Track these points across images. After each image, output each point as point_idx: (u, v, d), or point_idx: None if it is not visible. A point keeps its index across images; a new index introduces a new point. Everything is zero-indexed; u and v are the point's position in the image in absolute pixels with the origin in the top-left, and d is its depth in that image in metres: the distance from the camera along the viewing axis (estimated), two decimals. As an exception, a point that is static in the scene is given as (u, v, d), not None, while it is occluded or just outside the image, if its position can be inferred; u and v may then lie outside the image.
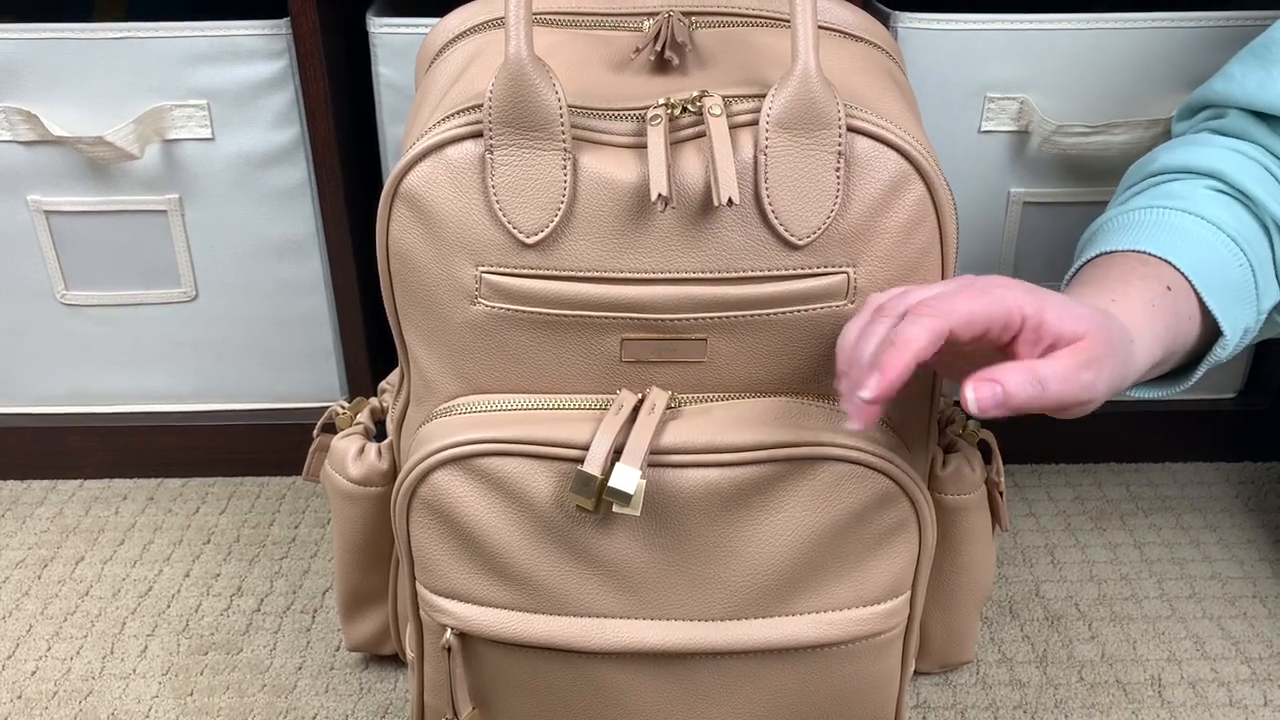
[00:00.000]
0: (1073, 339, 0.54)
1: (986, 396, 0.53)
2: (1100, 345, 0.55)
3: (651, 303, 0.60)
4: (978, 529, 0.74)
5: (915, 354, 0.52)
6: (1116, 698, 0.83)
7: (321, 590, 0.94)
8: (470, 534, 0.63)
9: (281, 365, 1.05)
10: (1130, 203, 0.69)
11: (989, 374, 0.53)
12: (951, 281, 0.56)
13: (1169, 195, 0.67)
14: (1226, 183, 0.68)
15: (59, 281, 1.00)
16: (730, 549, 0.63)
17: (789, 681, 0.67)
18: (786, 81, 0.58)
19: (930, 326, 0.52)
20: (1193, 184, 0.68)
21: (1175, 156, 0.70)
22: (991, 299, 0.53)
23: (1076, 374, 0.54)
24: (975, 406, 0.53)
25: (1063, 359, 0.54)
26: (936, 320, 0.52)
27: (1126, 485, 1.06)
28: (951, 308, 0.53)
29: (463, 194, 0.60)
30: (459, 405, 0.64)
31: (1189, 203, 0.66)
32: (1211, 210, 0.66)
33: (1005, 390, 0.53)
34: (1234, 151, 0.69)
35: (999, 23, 0.90)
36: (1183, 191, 0.67)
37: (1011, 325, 0.54)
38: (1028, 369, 0.53)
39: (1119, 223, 0.67)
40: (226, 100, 0.93)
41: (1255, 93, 0.70)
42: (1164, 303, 0.61)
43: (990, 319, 0.53)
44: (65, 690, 0.84)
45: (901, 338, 0.52)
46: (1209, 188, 0.68)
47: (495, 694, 0.68)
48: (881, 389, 0.52)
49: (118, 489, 1.06)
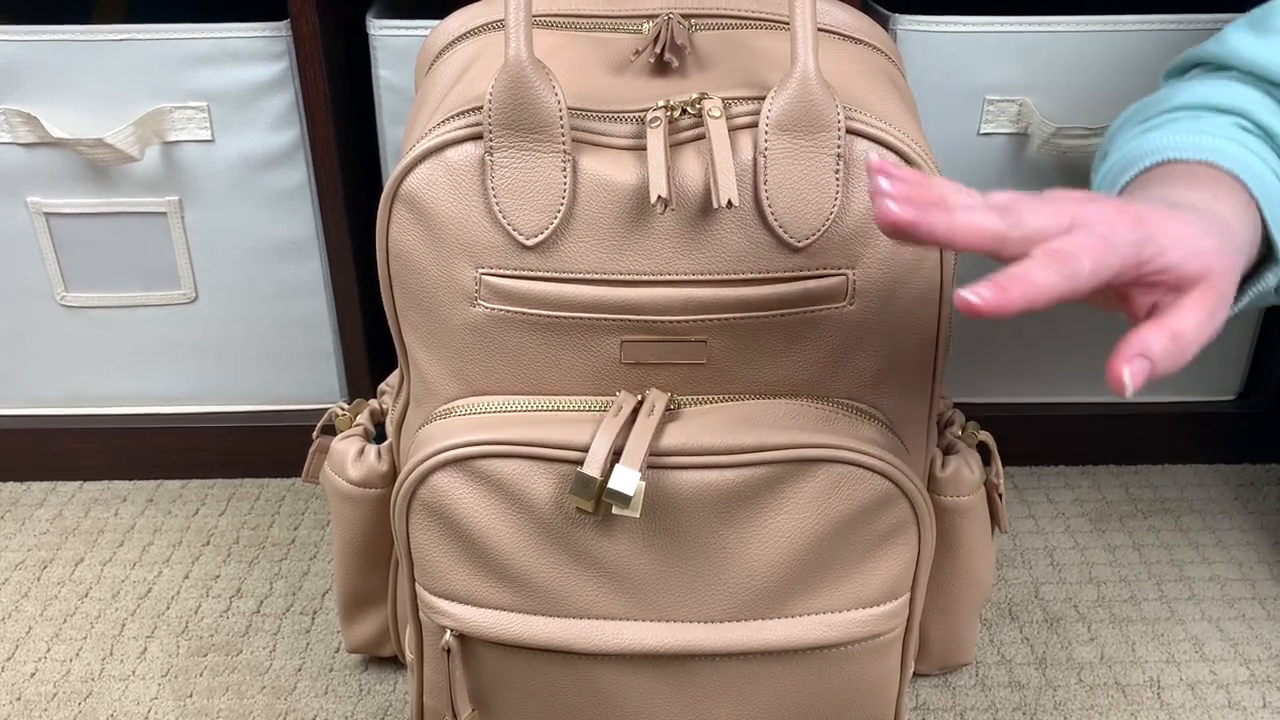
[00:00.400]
0: (1196, 279, 0.50)
1: (1141, 373, 0.49)
2: (1225, 281, 0.51)
3: (651, 304, 0.60)
4: (977, 531, 0.74)
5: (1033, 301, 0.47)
6: (1115, 699, 0.83)
7: (321, 592, 0.94)
8: (470, 536, 0.63)
9: (281, 367, 1.05)
10: (1165, 130, 0.65)
11: (1133, 349, 0.48)
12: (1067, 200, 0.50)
13: (1202, 126, 0.64)
14: (1251, 120, 0.65)
15: (59, 283, 1.00)
16: (729, 551, 0.63)
17: (788, 683, 0.67)
18: (786, 84, 0.58)
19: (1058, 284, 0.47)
20: (1221, 119, 0.65)
21: (1196, 94, 0.68)
22: (1121, 251, 0.48)
23: (1210, 324, 0.50)
24: (1131, 386, 0.48)
25: (1195, 311, 0.50)
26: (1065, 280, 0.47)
27: (1126, 487, 1.06)
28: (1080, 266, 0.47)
29: (463, 196, 0.60)
30: (459, 407, 0.64)
31: (1226, 131, 0.63)
32: (1247, 140, 0.63)
33: (1156, 366, 0.49)
34: (1254, 90, 0.67)
35: (998, 25, 0.90)
36: (1214, 124, 0.64)
37: (1126, 275, 0.49)
38: (1167, 332, 0.49)
39: (1165, 144, 0.63)
40: (226, 102, 0.93)
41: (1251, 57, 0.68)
42: (1249, 214, 0.57)
43: (1117, 273, 0.49)
44: (64, 692, 0.84)
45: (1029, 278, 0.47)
46: (1235, 124, 0.65)
47: (495, 696, 0.68)
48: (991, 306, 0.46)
49: (117, 491, 1.06)
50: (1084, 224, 0.49)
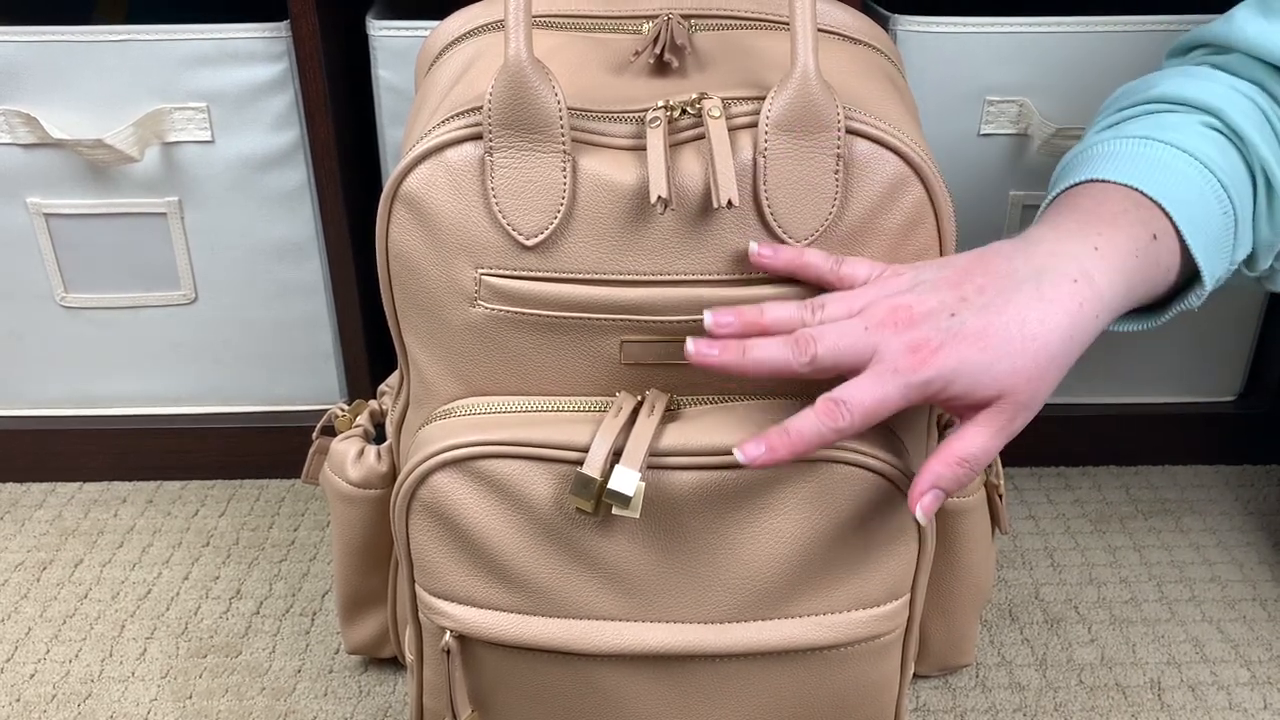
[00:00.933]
0: (988, 401, 0.55)
1: (934, 505, 0.56)
2: (1022, 395, 0.55)
3: (651, 305, 0.60)
4: (977, 532, 0.74)
5: (800, 453, 0.55)
6: (1116, 701, 0.83)
7: (321, 593, 0.94)
8: (470, 536, 0.63)
9: (281, 368, 1.05)
10: (1124, 128, 0.67)
11: (925, 484, 0.55)
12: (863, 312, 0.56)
13: (1164, 127, 0.65)
14: (1223, 121, 0.66)
15: (58, 284, 1.00)
16: (729, 551, 0.62)
17: (788, 684, 0.67)
18: (786, 84, 0.58)
19: (827, 438, 0.55)
20: (1189, 118, 0.66)
21: (1175, 86, 0.68)
22: (906, 395, 0.54)
23: (1002, 437, 0.55)
24: (925, 519, 0.56)
25: (981, 432, 0.55)
26: (833, 434, 0.54)
27: (1126, 488, 1.06)
28: (851, 421, 0.54)
29: (462, 196, 0.60)
30: (458, 407, 0.64)
31: (1184, 137, 0.64)
32: (1205, 149, 0.64)
33: (950, 492, 0.56)
34: (1234, 91, 0.67)
35: (998, 26, 0.90)
36: (1178, 124, 0.66)
37: (916, 403, 0.55)
38: (954, 459, 0.55)
39: (1112, 150, 0.65)
40: (226, 103, 0.93)
41: (1255, 39, 0.68)
42: (1147, 254, 0.60)
43: (902, 408, 0.55)
44: (64, 693, 0.84)
45: (796, 432, 0.54)
46: (1204, 124, 0.66)
47: (494, 697, 0.68)
48: (761, 460, 0.55)
49: (117, 492, 1.06)
50: (877, 357, 0.55)
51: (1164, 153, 0.64)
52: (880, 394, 0.54)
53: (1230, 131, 0.66)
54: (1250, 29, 0.69)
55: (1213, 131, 0.66)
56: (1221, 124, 0.66)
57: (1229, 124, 0.66)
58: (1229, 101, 0.66)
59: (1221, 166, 0.64)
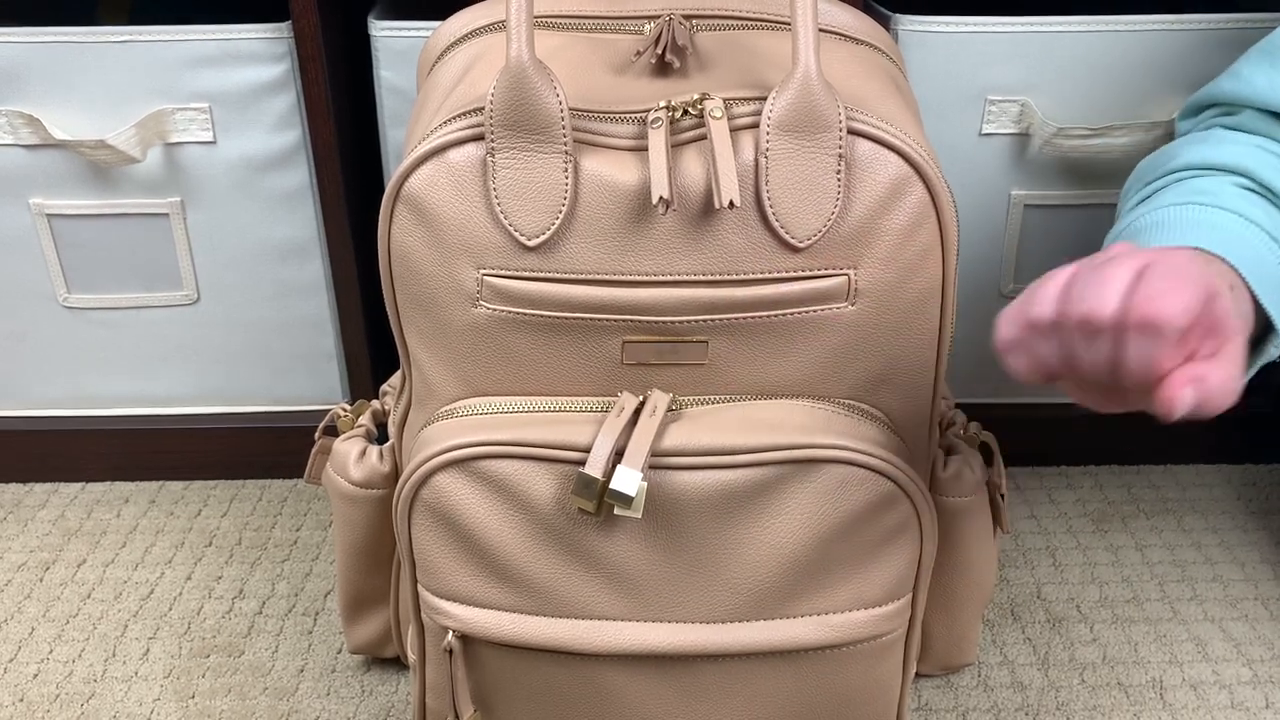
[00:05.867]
0: (1231, 336, 0.50)
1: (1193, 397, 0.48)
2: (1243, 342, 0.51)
3: (653, 305, 0.60)
4: (979, 531, 0.74)
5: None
6: (1118, 700, 0.83)
7: (323, 593, 0.94)
8: (472, 536, 0.63)
9: (283, 368, 1.05)
10: (1159, 199, 0.66)
11: (1188, 376, 0.49)
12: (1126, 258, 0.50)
13: (1200, 191, 0.65)
14: (1253, 179, 0.66)
15: (61, 285, 1.00)
16: (731, 551, 0.63)
17: (790, 684, 0.67)
18: (787, 84, 0.58)
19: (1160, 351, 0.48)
20: (1220, 180, 0.66)
21: (1197, 153, 0.68)
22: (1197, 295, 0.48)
23: (1238, 378, 0.50)
24: (1184, 407, 0.48)
25: (1227, 364, 0.50)
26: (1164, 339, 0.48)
27: (1128, 487, 1.06)
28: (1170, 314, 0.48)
29: (464, 197, 0.60)
30: (460, 408, 0.64)
31: (1222, 199, 0.64)
32: (1245, 207, 0.63)
33: (1209, 393, 0.49)
34: (1257, 149, 0.67)
35: (1000, 25, 0.90)
36: (1212, 188, 0.65)
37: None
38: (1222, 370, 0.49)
39: (1158, 220, 0.64)
40: (228, 103, 0.93)
41: (1266, 91, 0.68)
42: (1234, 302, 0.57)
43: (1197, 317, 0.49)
44: (67, 693, 0.84)
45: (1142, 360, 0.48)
46: (1236, 184, 0.66)
47: (497, 696, 0.68)
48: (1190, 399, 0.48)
49: (119, 492, 1.07)
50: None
51: (1211, 214, 0.63)
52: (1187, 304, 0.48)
53: (1263, 188, 0.66)
54: (1260, 80, 0.69)
55: (1245, 190, 0.65)
56: (1253, 182, 0.66)
57: (1260, 181, 0.65)
58: (1256, 160, 0.66)
59: (1262, 219, 0.63)
